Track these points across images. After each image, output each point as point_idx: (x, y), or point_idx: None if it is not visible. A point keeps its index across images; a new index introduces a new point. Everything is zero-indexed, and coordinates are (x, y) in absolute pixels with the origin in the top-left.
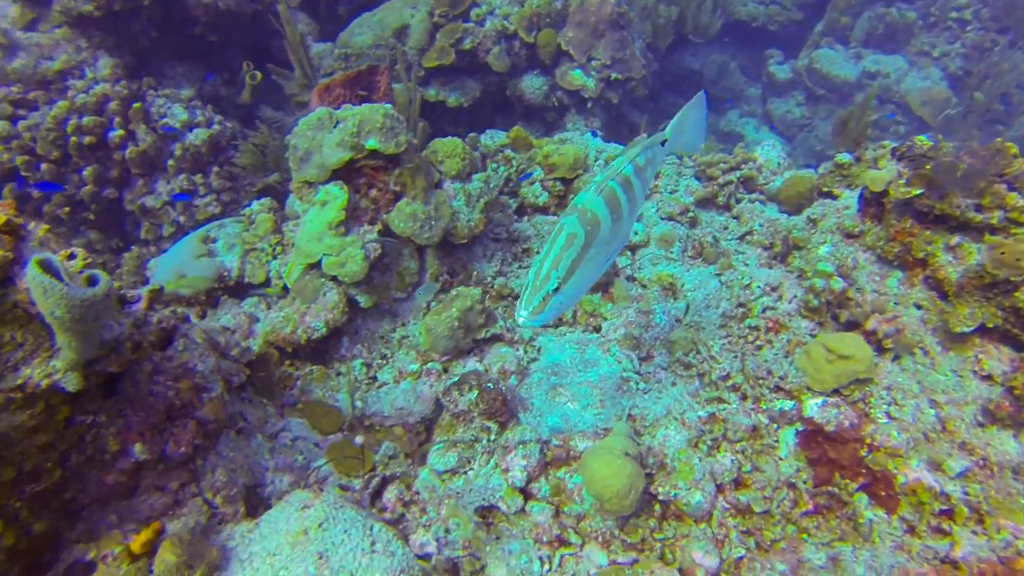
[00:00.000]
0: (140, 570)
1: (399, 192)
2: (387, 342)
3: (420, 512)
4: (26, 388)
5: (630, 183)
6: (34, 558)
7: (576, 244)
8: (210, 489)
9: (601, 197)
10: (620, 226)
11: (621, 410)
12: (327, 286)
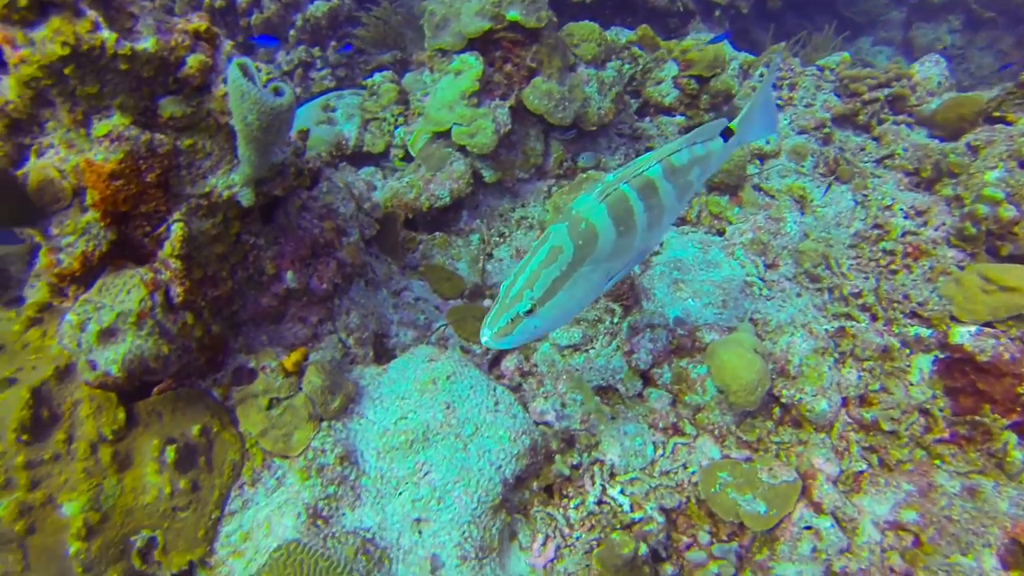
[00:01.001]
0: (292, 385)
1: (534, 69)
2: (506, 220)
3: (537, 384)
4: (211, 196)
5: (654, 189)
6: (214, 354)
7: (560, 260)
8: (344, 329)
9: (604, 204)
10: (630, 240)
11: (743, 312)
12: (454, 156)
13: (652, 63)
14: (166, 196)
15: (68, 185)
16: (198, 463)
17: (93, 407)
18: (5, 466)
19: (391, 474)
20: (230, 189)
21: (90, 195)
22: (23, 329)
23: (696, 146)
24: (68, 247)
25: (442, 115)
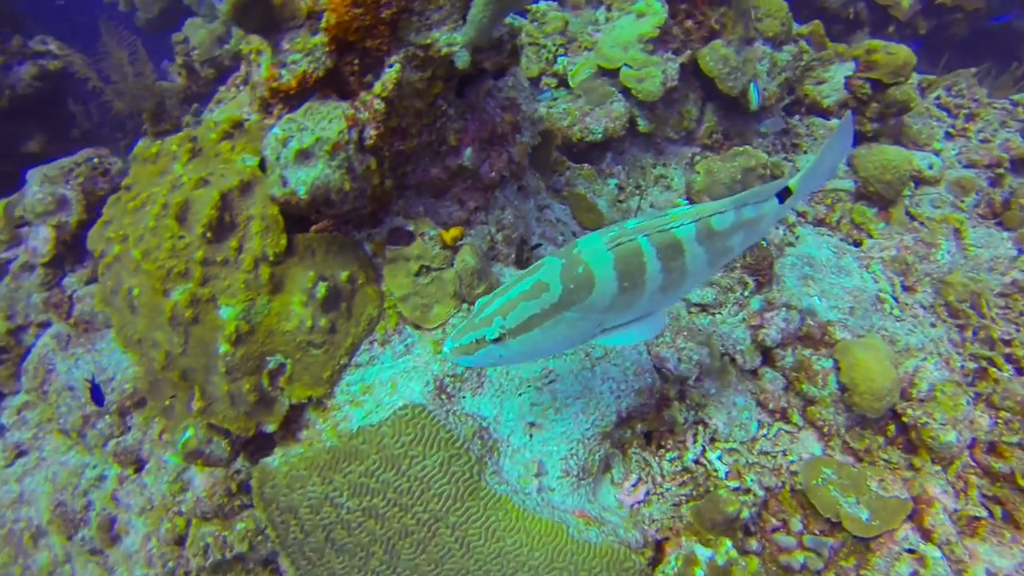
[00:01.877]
0: (445, 259)
1: (714, 32)
2: (645, 174)
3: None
4: (429, 50)
5: (679, 250)
6: (378, 208)
7: (543, 298)
8: (496, 223)
9: (613, 254)
10: (635, 299)
11: (869, 325)
12: (616, 96)
13: (816, 61)
14: (391, 37)
15: (304, 7)
16: (339, 308)
17: (263, 226)
18: (187, 257)
19: (517, 373)
20: (450, 47)
21: (327, 18)
22: (218, 139)
23: (746, 208)
24: (292, 64)
25: (614, 53)
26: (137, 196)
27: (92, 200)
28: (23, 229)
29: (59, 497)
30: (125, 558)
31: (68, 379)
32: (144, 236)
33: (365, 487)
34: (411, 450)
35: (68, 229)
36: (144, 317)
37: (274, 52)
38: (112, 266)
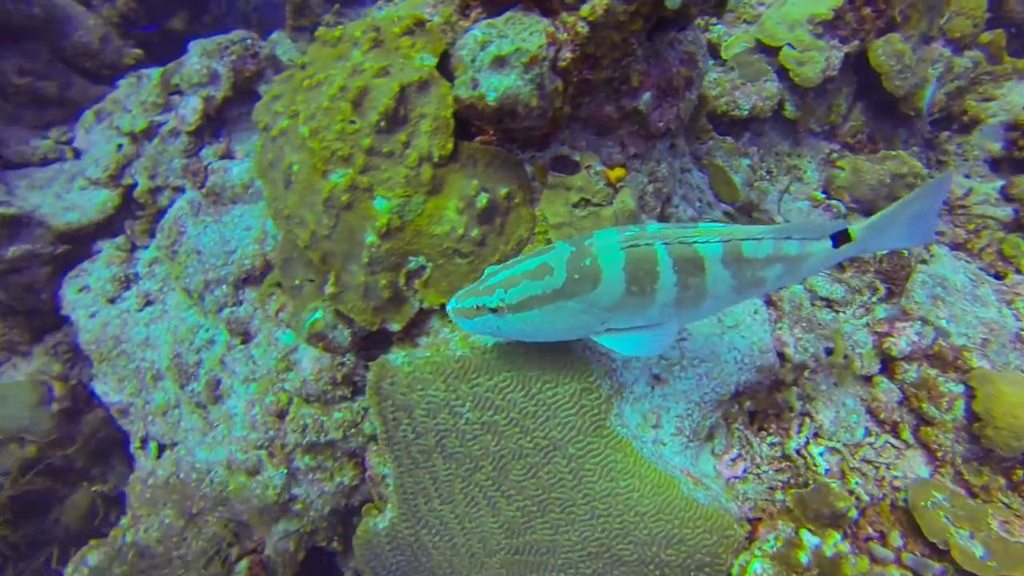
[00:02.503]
0: (605, 196)
1: (893, 24)
2: (778, 162)
3: (777, 316)
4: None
5: (699, 268)
6: (550, 131)
7: (547, 282)
8: (649, 174)
9: (625, 254)
10: (643, 305)
11: (1005, 362)
12: (771, 75)
13: (988, 75)
14: None
15: None
16: (493, 222)
17: (433, 126)
18: (354, 143)
19: None
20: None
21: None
22: (400, 33)
23: (789, 242)
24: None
25: (779, 30)
26: (313, 76)
27: (240, 79)
28: (174, 97)
29: (177, 349)
30: (227, 417)
31: (196, 243)
32: (315, 115)
33: (489, 402)
34: (545, 374)
35: (214, 103)
36: (298, 194)
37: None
38: (276, 139)
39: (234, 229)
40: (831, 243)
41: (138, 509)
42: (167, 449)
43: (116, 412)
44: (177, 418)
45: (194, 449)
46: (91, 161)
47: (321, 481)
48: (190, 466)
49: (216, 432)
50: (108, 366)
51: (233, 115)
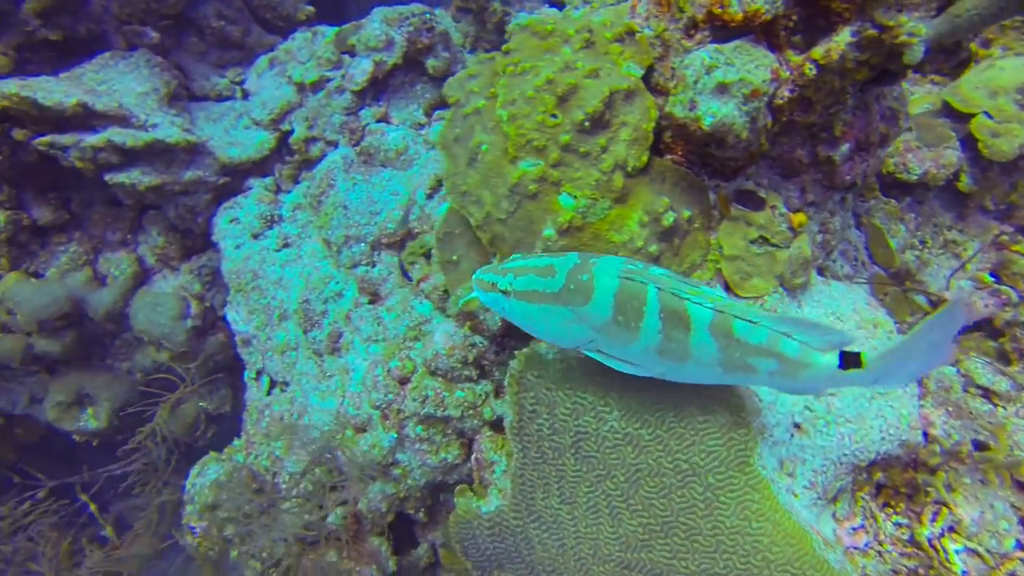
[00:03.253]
0: (785, 239)
1: None
2: (935, 233)
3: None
4: (886, 32)
5: (684, 325)
6: (747, 164)
7: (547, 283)
8: (821, 224)
9: (618, 282)
10: (628, 337)
11: None
12: (954, 143)
13: None
14: (859, 5)
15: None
16: (672, 242)
17: (633, 136)
18: (552, 137)
19: None
20: (910, 37)
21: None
22: (611, 39)
23: (787, 340)
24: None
25: (976, 96)
26: (519, 64)
27: (412, 49)
28: (345, 56)
29: (307, 295)
30: (344, 370)
31: (344, 198)
32: (516, 101)
33: (638, 415)
34: (699, 399)
35: (383, 68)
36: (481, 174)
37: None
38: (468, 117)
39: (382, 192)
40: (838, 362)
41: (253, 436)
42: (277, 386)
43: (240, 341)
44: (294, 360)
45: (309, 393)
46: (259, 103)
47: (426, 453)
48: (303, 408)
49: (331, 382)
50: (243, 297)
51: (396, 83)
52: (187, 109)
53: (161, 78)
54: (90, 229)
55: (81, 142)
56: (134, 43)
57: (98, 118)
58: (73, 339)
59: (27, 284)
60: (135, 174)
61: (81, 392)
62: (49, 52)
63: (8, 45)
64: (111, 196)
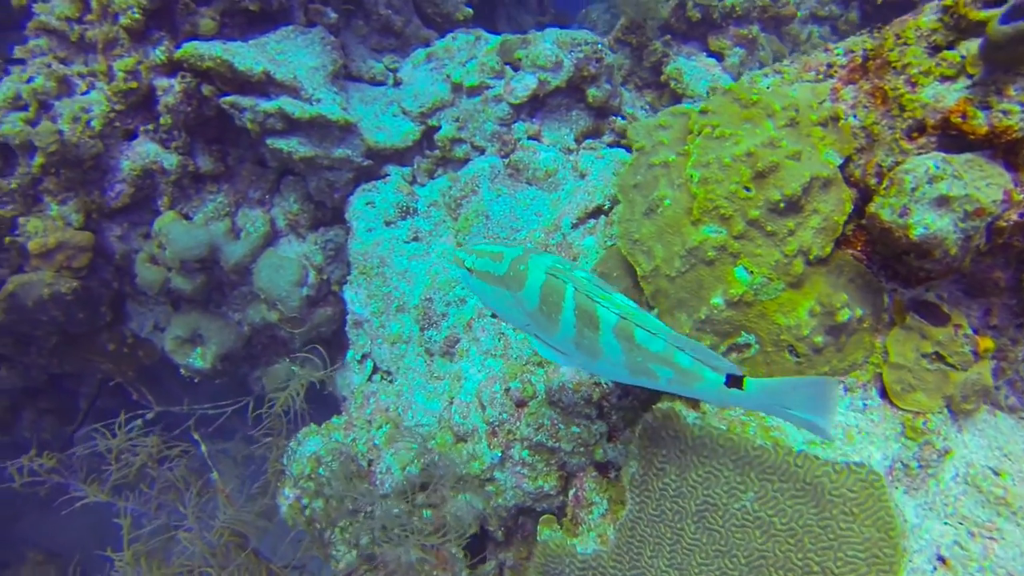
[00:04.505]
0: (964, 362)
1: None
2: None
3: None
4: None
5: (595, 324)
6: (940, 277)
7: (495, 267)
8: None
9: (544, 277)
10: (550, 325)
11: None
12: None
13: None
14: None
15: None
16: (838, 338)
17: (822, 225)
18: (740, 209)
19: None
20: None
21: None
22: (816, 122)
23: (682, 353)
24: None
25: None
26: (717, 127)
27: (577, 75)
28: (507, 67)
29: (430, 294)
30: (455, 377)
31: (487, 207)
32: (710, 165)
33: (776, 502)
34: (846, 506)
35: (546, 88)
36: (656, 226)
37: (978, 86)
38: (653, 168)
39: (525, 210)
40: (724, 380)
41: (356, 419)
42: (379, 373)
43: (352, 321)
44: (402, 353)
45: (416, 390)
46: (411, 94)
47: (525, 477)
48: (408, 403)
49: (439, 385)
50: (365, 280)
51: (554, 104)
52: (345, 88)
53: (331, 56)
54: (237, 184)
55: (257, 106)
56: (313, 20)
57: (275, 86)
58: (203, 282)
59: (179, 224)
60: (293, 143)
61: (196, 331)
62: (241, 19)
63: (216, 10)
64: (260, 156)
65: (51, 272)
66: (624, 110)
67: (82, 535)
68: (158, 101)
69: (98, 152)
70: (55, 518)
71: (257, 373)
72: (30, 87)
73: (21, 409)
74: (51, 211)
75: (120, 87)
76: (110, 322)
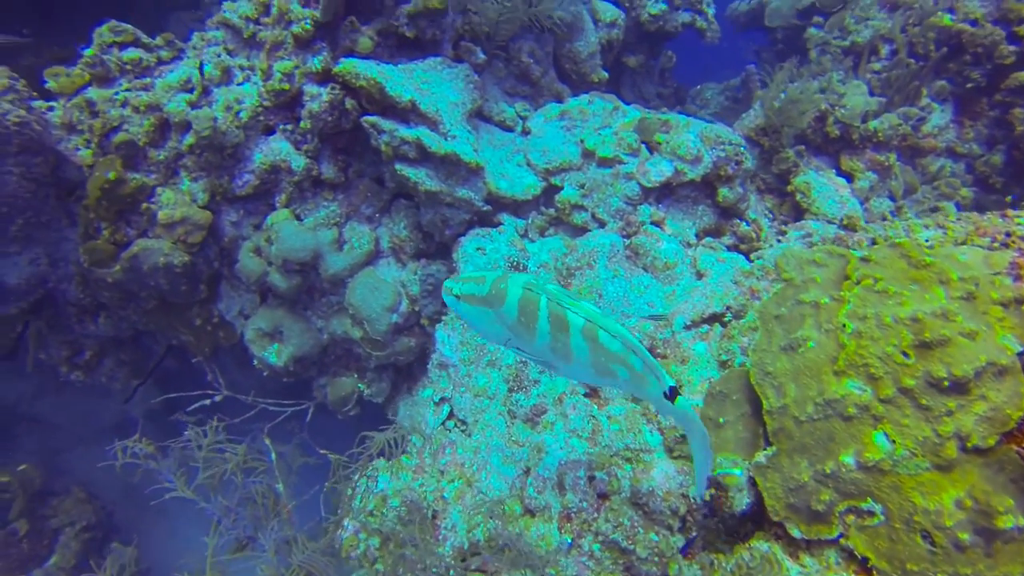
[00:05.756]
0: None
1: None
2: None
3: None
4: None
5: (566, 329)
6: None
7: (478, 288)
8: None
9: (521, 292)
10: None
11: None
12: None
13: None
14: None
15: None
16: (990, 542)
17: (988, 414)
18: (891, 373)
19: None
20: None
21: None
22: (996, 300)
23: (636, 357)
24: None
25: None
26: (879, 281)
27: (713, 173)
28: (643, 145)
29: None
30: (536, 448)
31: (602, 286)
32: (867, 319)
33: None
34: None
35: (681, 179)
36: (794, 365)
37: None
38: (800, 304)
39: (638, 297)
40: (664, 391)
41: (428, 466)
42: (454, 419)
43: (437, 362)
44: (484, 408)
45: (493, 451)
46: (539, 148)
47: (589, 571)
48: (483, 463)
49: (517, 451)
50: (462, 325)
51: (683, 195)
52: (477, 127)
53: (472, 95)
54: (352, 196)
55: (396, 131)
56: (461, 56)
57: (417, 115)
58: (297, 283)
59: (291, 224)
60: (422, 174)
61: (278, 327)
62: (393, 41)
63: (374, 30)
64: (380, 174)
65: (169, 243)
66: (748, 214)
67: (115, 485)
68: (303, 105)
69: (239, 142)
70: (98, 457)
71: (323, 380)
72: (200, 73)
73: (104, 356)
74: (183, 186)
75: (274, 87)
76: (203, 299)
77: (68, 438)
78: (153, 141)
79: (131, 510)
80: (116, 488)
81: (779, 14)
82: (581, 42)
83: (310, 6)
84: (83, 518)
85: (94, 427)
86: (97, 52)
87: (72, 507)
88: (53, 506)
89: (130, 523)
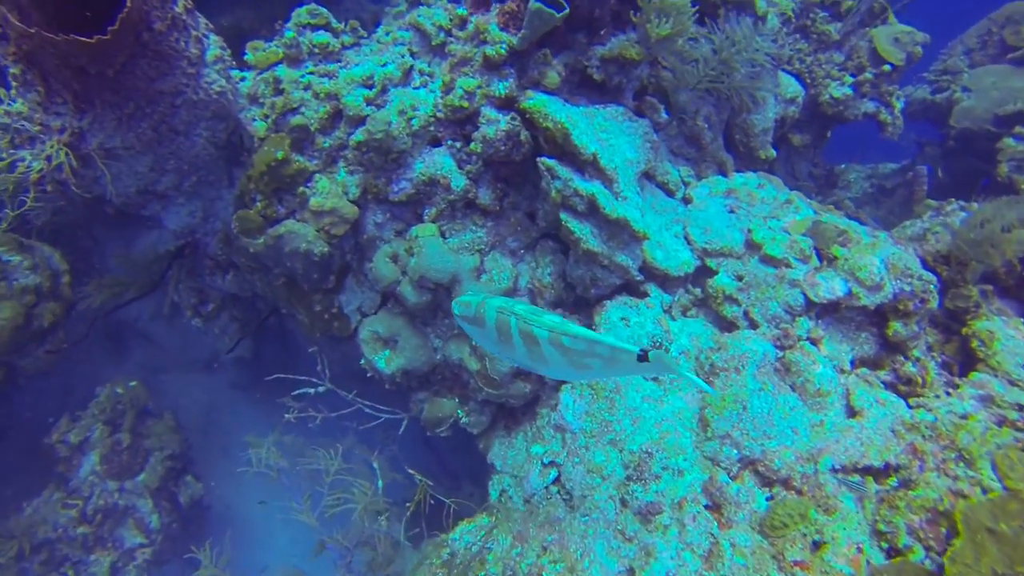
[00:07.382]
0: None
1: None
2: None
3: None
4: None
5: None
6: None
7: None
8: None
9: (497, 315)
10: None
11: None
12: None
13: None
14: None
15: None
16: None
17: None
18: None
19: None
20: None
21: None
22: None
23: (600, 346)
24: None
25: None
26: None
27: (890, 304)
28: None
29: (651, 448)
30: (645, 551)
31: (747, 397)
32: None
33: None
34: None
35: (853, 302)
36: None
37: None
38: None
39: (783, 419)
40: (636, 355)
41: (531, 536)
42: (557, 485)
43: (555, 423)
44: (595, 486)
45: (599, 538)
46: (700, 224)
47: None
48: (588, 550)
49: (624, 546)
50: (592, 395)
51: (846, 316)
52: (643, 187)
53: (647, 154)
54: (501, 227)
55: (571, 181)
56: (643, 111)
57: (595, 169)
58: (427, 301)
59: (437, 241)
60: (586, 231)
61: (395, 336)
62: (576, 79)
63: (563, 63)
64: (533, 210)
65: (314, 231)
66: (913, 353)
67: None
68: (477, 127)
69: (405, 149)
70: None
71: (423, 395)
72: (384, 72)
73: (223, 310)
74: (339, 176)
75: (453, 102)
76: (330, 289)
77: (169, 361)
78: (323, 128)
79: (203, 451)
80: (197, 426)
81: (971, 115)
82: (759, 115)
83: (508, 31)
84: (171, 446)
85: (191, 357)
86: (296, 34)
87: (163, 432)
88: (149, 426)
89: (200, 461)
